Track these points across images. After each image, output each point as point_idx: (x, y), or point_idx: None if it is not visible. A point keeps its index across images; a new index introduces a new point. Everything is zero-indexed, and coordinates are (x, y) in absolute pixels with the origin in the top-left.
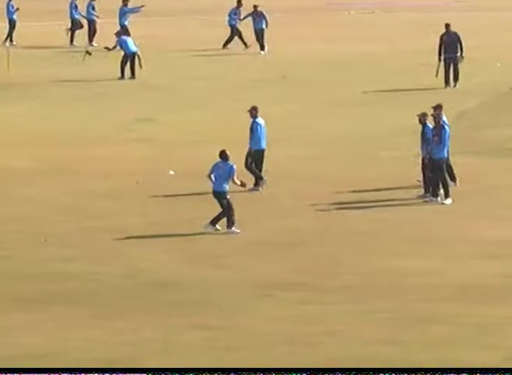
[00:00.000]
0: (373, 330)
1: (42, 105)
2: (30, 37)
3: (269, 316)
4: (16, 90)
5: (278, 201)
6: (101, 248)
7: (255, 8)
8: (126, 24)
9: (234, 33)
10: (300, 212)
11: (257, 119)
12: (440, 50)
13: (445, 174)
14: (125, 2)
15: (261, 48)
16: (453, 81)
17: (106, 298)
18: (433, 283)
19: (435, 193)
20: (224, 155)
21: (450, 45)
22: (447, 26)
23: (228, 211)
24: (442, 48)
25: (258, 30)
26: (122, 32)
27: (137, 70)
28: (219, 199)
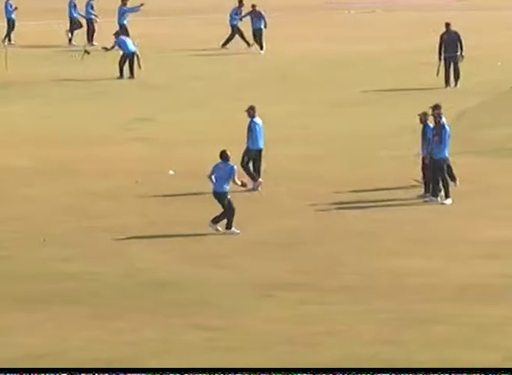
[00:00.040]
0: (373, 330)
1: (41, 104)
2: (28, 36)
3: (269, 316)
4: (15, 89)
5: (277, 201)
6: (101, 248)
7: (253, 7)
8: (125, 23)
9: (235, 32)
10: (300, 212)
11: (254, 118)
12: (440, 49)
13: (445, 174)
14: (124, 2)
15: (261, 47)
16: (453, 80)
17: (106, 298)
18: (433, 283)
19: (435, 193)
20: (225, 155)
21: (450, 44)
22: (447, 25)
23: (229, 211)
24: (443, 47)
25: (256, 30)
26: (120, 32)
27: (136, 70)
28: (220, 200)
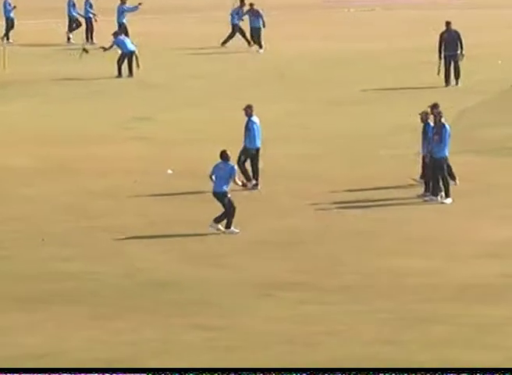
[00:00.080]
0: (373, 330)
1: (40, 103)
2: (27, 34)
3: (269, 315)
4: (14, 88)
5: (277, 200)
6: (101, 248)
7: (251, 6)
8: (124, 22)
9: (235, 32)
10: (300, 211)
11: (252, 117)
12: (440, 48)
13: (445, 173)
14: (123, 0)
15: (259, 46)
16: (454, 79)
17: (106, 298)
18: (433, 283)
19: (436, 192)
20: (225, 155)
21: (450, 43)
22: (447, 23)
23: (230, 211)
24: (443, 45)
25: (254, 29)
26: (119, 32)
27: (135, 69)
28: (220, 200)
